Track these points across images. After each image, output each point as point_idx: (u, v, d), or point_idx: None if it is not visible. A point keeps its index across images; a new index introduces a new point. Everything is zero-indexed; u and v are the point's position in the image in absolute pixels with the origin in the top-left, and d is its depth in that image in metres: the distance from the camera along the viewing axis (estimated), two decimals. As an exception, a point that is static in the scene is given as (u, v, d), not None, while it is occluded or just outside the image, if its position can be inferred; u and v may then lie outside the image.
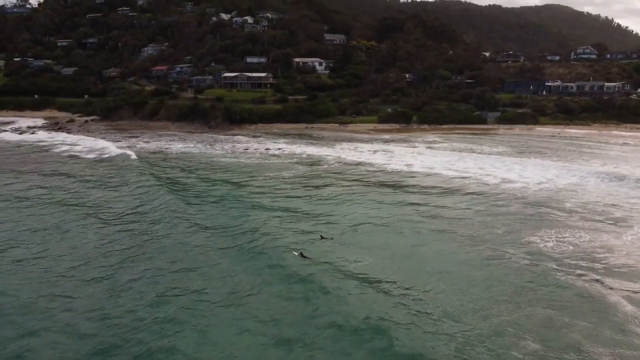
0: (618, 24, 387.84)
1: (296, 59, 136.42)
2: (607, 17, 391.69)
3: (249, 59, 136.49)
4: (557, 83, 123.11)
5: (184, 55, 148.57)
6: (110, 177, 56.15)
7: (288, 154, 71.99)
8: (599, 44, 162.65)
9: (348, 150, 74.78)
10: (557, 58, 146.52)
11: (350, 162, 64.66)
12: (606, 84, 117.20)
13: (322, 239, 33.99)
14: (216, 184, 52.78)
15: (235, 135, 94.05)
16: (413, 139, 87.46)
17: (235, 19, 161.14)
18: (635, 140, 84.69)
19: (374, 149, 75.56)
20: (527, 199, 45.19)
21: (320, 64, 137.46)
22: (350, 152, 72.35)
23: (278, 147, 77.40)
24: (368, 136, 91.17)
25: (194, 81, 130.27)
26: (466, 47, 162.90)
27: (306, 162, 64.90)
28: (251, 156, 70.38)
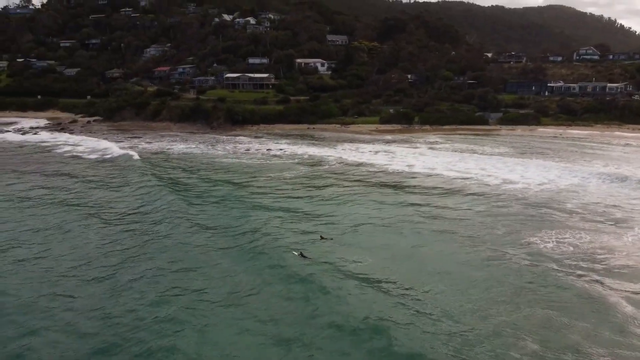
0: (621, 24, 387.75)
1: (298, 60, 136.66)
2: (610, 18, 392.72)
3: (251, 60, 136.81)
4: (560, 84, 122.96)
5: (186, 56, 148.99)
6: (112, 178, 56.30)
7: (289, 154, 72.10)
8: (602, 44, 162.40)
9: (349, 150, 74.87)
10: (560, 59, 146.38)
11: (351, 163, 64.73)
12: (609, 84, 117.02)
13: (322, 239, 34.06)
14: (217, 184, 52.91)
15: (237, 135, 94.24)
16: (415, 139, 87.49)
17: (238, 19, 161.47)
18: (637, 141, 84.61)
19: (375, 149, 75.63)
20: (528, 199, 45.17)
21: (323, 65, 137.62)
22: (352, 153, 72.44)
23: (280, 148, 77.52)
24: (370, 137, 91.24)
25: (196, 82, 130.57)
26: (469, 48, 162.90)
27: (307, 163, 64.98)
28: (253, 157, 70.50)
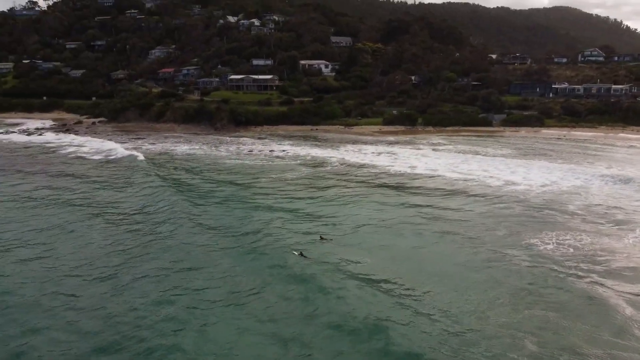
0: (627, 26, 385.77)
1: (302, 62, 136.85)
2: (616, 20, 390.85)
3: (255, 62, 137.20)
4: (564, 85, 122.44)
5: (191, 57, 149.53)
6: (116, 178, 56.67)
7: (292, 155, 72.26)
8: (607, 46, 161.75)
9: (352, 152, 74.97)
10: (564, 60, 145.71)
11: (354, 164, 64.83)
12: (613, 86, 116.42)
13: (322, 239, 34.21)
14: (220, 185, 53.17)
15: (241, 137, 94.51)
16: (417, 141, 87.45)
17: (242, 21, 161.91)
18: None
19: (378, 150, 75.68)
20: (530, 201, 45.12)
21: (326, 66, 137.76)
22: (354, 154, 72.53)
23: (282, 149, 77.69)
24: (373, 138, 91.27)
25: (200, 83, 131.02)
26: (473, 49, 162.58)
27: (310, 164, 65.13)
28: (255, 158, 70.71)
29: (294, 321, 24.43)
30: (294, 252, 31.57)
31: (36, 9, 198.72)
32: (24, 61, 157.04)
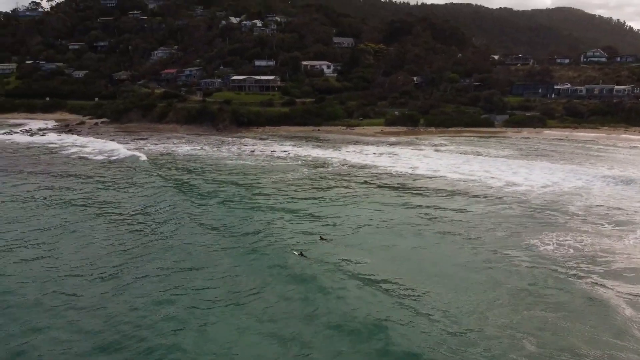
0: (630, 27, 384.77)
1: (304, 62, 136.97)
2: (619, 20, 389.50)
3: (258, 62, 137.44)
4: (567, 86, 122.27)
5: (193, 58, 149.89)
6: (119, 179, 56.88)
7: (294, 156, 72.30)
8: (609, 46, 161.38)
9: (354, 152, 74.98)
10: (567, 61, 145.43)
11: (355, 165, 64.83)
12: (616, 87, 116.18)
13: (322, 240, 34.28)
14: (222, 185, 53.29)
15: (243, 137, 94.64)
16: (419, 141, 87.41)
17: (245, 22, 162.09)
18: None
19: (379, 151, 75.65)
20: (531, 202, 45.05)
21: (329, 67, 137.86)
22: (356, 155, 72.53)
23: (284, 150, 77.74)
24: (374, 139, 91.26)
25: (202, 84, 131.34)
26: (475, 50, 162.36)
27: (311, 165, 65.17)
28: (257, 158, 70.80)
29: (294, 321, 24.51)
30: (294, 252, 31.67)
31: (39, 10, 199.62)
32: (27, 62, 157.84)
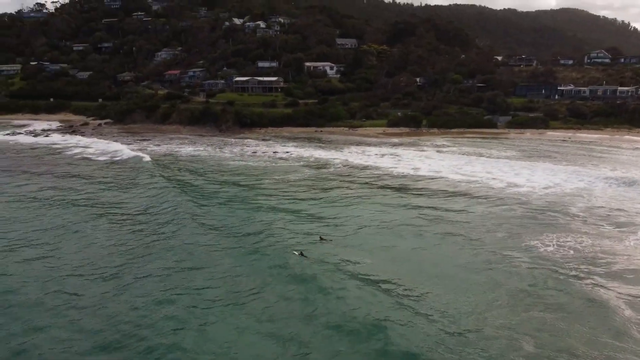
0: (635, 28, 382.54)
1: (307, 63, 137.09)
2: (624, 21, 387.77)
3: (261, 64, 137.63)
4: (570, 87, 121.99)
5: (197, 59, 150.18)
6: (121, 179, 57.13)
7: (296, 157, 72.41)
8: (613, 47, 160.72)
9: (356, 153, 75.04)
10: (571, 62, 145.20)
11: (357, 166, 64.90)
12: (619, 88, 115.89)
13: (322, 240, 34.36)
14: (224, 186, 53.46)
15: (245, 138, 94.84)
16: (422, 142, 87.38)
17: (248, 23, 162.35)
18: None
19: (382, 152, 75.68)
20: (532, 203, 45.01)
21: (332, 68, 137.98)
22: (358, 156, 72.59)
23: (286, 151, 77.87)
24: (377, 140, 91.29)
25: (206, 85, 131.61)
26: (478, 51, 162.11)
27: (313, 166, 65.26)
28: (259, 159, 70.95)
29: (293, 321, 24.62)
30: (294, 252, 31.80)
31: (44, 11, 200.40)
32: (32, 63, 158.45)
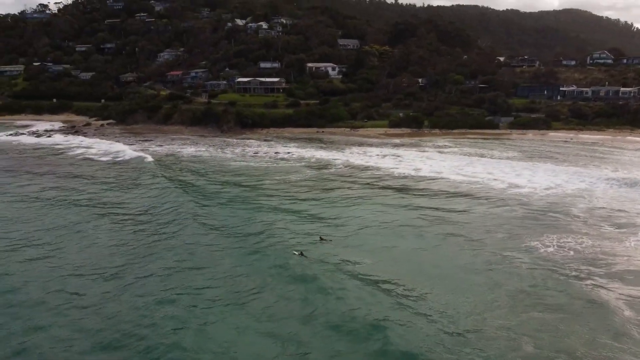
0: (638, 28, 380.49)
1: (309, 64, 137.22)
2: (627, 22, 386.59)
3: (263, 64, 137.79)
4: (572, 88, 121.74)
5: (199, 60, 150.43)
6: (123, 180, 57.35)
7: (297, 157, 72.55)
8: (616, 48, 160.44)
9: (357, 154, 75.08)
10: (573, 63, 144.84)
11: (358, 166, 64.96)
12: (622, 89, 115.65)
13: (322, 240, 34.43)
14: (225, 186, 53.61)
15: (247, 139, 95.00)
16: (423, 143, 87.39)
17: (250, 24, 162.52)
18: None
19: (383, 153, 75.69)
20: (533, 204, 44.97)
21: (333, 69, 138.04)
22: (359, 157, 72.62)
23: (287, 151, 78.01)
24: (378, 140, 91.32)
25: (208, 86, 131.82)
26: (480, 52, 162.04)
27: (314, 166, 65.35)
28: (260, 160, 71.09)
29: (293, 321, 24.69)
30: (294, 253, 31.86)
31: (47, 12, 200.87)
32: (35, 63, 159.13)
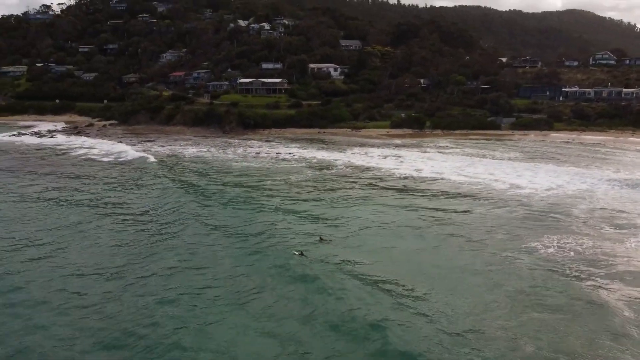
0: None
1: (311, 65, 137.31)
2: (630, 23, 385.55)
3: (265, 65, 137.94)
4: (575, 89, 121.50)
5: (201, 61, 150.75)
6: (125, 180, 57.62)
7: (298, 158, 72.64)
8: (618, 49, 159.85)
9: (358, 155, 75.08)
10: (576, 63, 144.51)
11: (359, 167, 65.00)
12: (624, 89, 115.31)
13: (322, 240, 34.50)
14: (226, 187, 53.76)
15: (249, 139, 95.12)
16: (425, 144, 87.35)
17: (253, 25, 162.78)
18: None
19: (384, 153, 75.67)
20: (534, 205, 44.91)
21: (335, 70, 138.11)
22: (361, 157, 72.64)
23: (289, 152, 78.11)
24: (380, 141, 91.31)
25: (210, 87, 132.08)
26: (483, 53, 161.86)
27: (315, 167, 65.43)
28: (262, 160, 71.21)
29: (293, 321, 24.77)
30: (295, 253, 31.95)
31: (50, 13, 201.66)
32: (38, 64, 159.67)
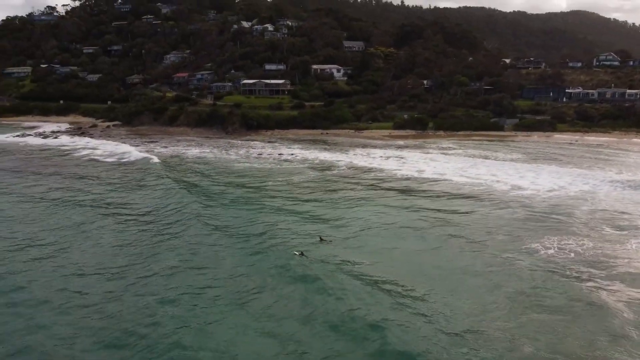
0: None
1: (314, 66, 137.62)
2: (635, 24, 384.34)
3: (268, 66, 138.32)
4: (578, 90, 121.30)
5: (205, 62, 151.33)
6: (128, 180, 57.86)
7: (301, 159, 72.77)
8: (622, 50, 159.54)
9: (361, 156, 75.15)
10: (579, 65, 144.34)
11: (361, 168, 65.04)
12: (628, 91, 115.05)
13: (322, 241, 34.59)
14: (229, 187, 53.90)
15: (252, 140, 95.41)
16: (427, 145, 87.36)
17: (256, 26, 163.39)
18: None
19: (387, 154, 75.69)
20: (535, 206, 44.78)
21: (338, 71, 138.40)
22: (363, 158, 72.70)
23: (291, 153, 78.29)
24: (382, 142, 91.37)
25: (213, 88, 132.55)
26: (486, 54, 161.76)
27: (317, 168, 65.54)
28: (264, 161, 71.40)
29: (293, 320, 24.82)
30: (295, 253, 32.04)
31: (54, 14, 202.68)
32: (42, 65, 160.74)
